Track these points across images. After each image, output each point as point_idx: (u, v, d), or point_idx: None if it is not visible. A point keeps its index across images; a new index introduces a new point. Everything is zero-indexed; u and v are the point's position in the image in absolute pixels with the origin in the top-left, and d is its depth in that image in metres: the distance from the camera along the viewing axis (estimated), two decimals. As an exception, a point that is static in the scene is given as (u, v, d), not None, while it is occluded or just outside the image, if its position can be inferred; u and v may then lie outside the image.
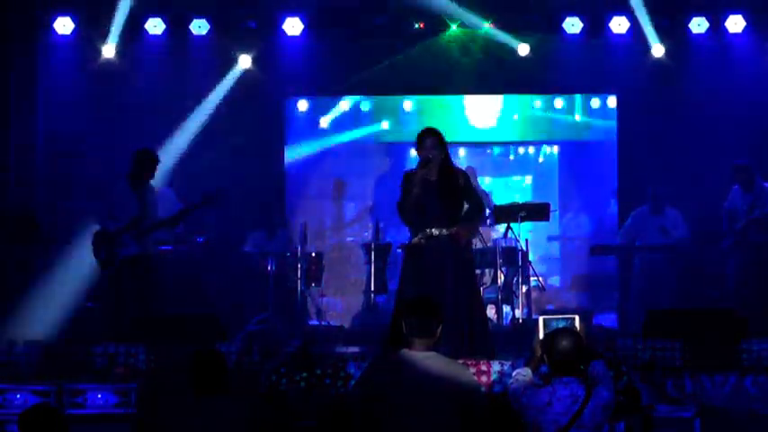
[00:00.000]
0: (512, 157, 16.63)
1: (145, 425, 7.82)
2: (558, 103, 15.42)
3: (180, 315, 10.08)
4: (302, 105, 14.85)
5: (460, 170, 8.79)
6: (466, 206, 8.65)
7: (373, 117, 15.66)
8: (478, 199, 8.82)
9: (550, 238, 14.66)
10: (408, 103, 15.24)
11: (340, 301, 13.60)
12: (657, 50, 12.40)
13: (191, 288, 11.66)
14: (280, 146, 13.70)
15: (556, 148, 16.35)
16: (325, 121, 15.37)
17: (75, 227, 11.55)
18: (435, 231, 8.49)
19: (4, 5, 11.95)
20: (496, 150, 16.37)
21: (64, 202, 12.16)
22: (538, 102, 15.38)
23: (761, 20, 12.25)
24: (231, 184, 12.17)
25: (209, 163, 12.42)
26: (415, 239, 8.62)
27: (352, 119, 15.51)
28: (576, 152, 15.62)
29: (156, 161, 10.51)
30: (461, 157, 14.47)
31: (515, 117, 15.67)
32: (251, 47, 12.72)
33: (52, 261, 11.50)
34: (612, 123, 13.77)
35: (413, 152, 8.90)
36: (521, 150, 16.58)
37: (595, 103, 15.21)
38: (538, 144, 16.33)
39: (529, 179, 16.35)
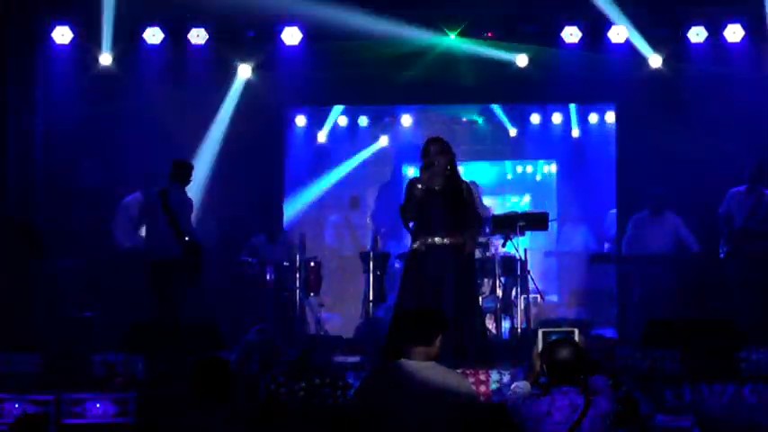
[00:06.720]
0: (509, 176, 16.67)
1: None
2: (557, 117, 15.47)
3: (179, 324, 10.08)
4: (300, 120, 14.90)
5: (464, 181, 8.80)
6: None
7: (371, 130, 15.75)
8: (477, 213, 8.83)
9: (548, 254, 14.66)
10: (407, 117, 15.31)
11: (339, 311, 13.60)
12: (655, 61, 12.43)
13: (190, 297, 11.66)
14: (279, 155, 13.70)
15: (554, 167, 16.39)
16: (323, 135, 15.44)
17: (79, 236, 11.64)
18: (437, 240, 8.50)
19: (4, 14, 11.95)
20: (494, 169, 16.41)
21: (63, 210, 12.18)
22: (536, 116, 15.44)
23: (759, 29, 12.26)
24: (230, 192, 12.22)
25: (209, 172, 12.42)
26: (416, 245, 8.63)
27: (350, 132, 15.60)
28: (574, 168, 15.65)
29: None
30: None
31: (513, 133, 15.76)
32: (249, 56, 12.73)
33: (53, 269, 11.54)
34: (610, 137, 13.77)
35: (410, 171, 8.94)
36: (518, 169, 16.63)
37: (593, 117, 15.25)
38: (536, 161, 16.40)
39: (527, 198, 16.39)
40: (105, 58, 12.45)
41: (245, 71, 12.75)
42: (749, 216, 11.43)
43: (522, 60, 12.56)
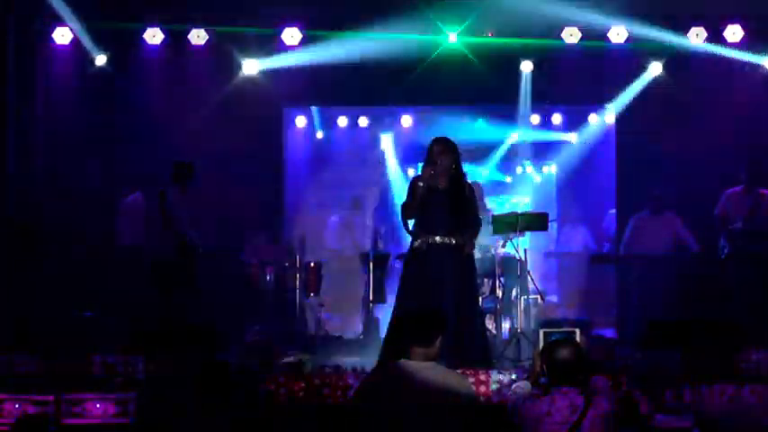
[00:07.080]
0: (509, 179, 16.67)
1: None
2: (557, 118, 15.45)
3: (178, 324, 10.08)
4: (300, 120, 14.90)
5: (468, 182, 8.80)
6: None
7: (371, 130, 15.75)
8: (477, 215, 8.83)
9: (548, 255, 14.66)
10: (407, 117, 15.30)
11: (339, 311, 13.60)
12: (655, 68, 12.48)
13: (189, 297, 11.66)
14: (279, 156, 13.70)
15: (554, 167, 16.38)
16: (323, 134, 15.44)
17: (79, 236, 11.64)
18: (438, 239, 8.49)
19: (4, 14, 11.96)
20: (494, 170, 16.40)
21: (64, 211, 12.18)
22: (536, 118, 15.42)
23: (759, 30, 12.27)
24: (231, 192, 12.20)
25: (209, 172, 12.42)
26: (416, 243, 8.62)
27: (350, 132, 15.60)
28: (573, 169, 15.65)
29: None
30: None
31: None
32: (250, 56, 12.74)
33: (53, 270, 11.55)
34: (610, 138, 13.77)
35: (410, 172, 8.93)
36: (518, 169, 16.62)
37: (593, 117, 15.24)
38: (536, 163, 16.40)
39: (527, 199, 16.38)
40: (106, 59, 12.46)
41: (244, 71, 12.75)
42: (749, 216, 11.42)
43: (526, 66, 12.60)
